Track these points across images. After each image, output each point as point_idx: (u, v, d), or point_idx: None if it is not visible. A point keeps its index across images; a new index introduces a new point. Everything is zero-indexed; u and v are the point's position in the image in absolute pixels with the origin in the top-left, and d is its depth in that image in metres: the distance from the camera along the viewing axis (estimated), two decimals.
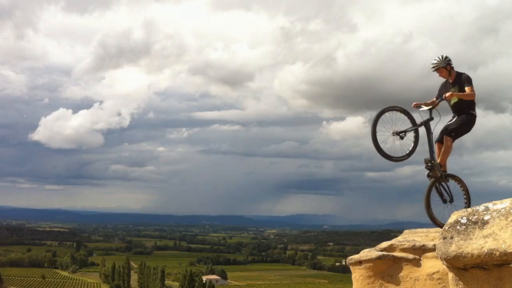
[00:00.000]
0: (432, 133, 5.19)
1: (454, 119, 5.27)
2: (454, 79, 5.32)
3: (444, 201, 5.12)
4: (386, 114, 5.02)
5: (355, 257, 4.88)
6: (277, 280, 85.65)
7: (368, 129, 5.08)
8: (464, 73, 5.33)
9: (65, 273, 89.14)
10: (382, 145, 4.92)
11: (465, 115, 5.23)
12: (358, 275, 4.81)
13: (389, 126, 5.03)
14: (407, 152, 5.13)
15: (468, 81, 5.20)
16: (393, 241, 4.81)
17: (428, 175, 5.09)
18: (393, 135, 5.03)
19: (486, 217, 2.91)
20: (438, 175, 5.06)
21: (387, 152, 4.96)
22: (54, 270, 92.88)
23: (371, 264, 4.69)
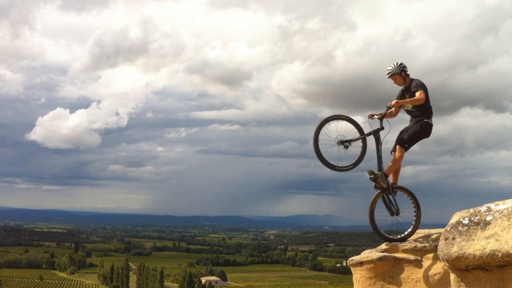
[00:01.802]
0: (381, 143, 5.06)
1: (408, 127, 5.13)
2: (408, 86, 5.19)
3: (392, 214, 5.04)
4: (331, 123, 4.93)
5: (356, 258, 4.86)
6: (277, 281, 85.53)
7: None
8: (417, 79, 5.18)
9: (63, 274, 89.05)
10: (325, 154, 4.82)
11: (419, 124, 5.08)
12: (359, 276, 4.79)
13: (335, 135, 4.95)
14: (353, 162, 5.02)
15: (419, 86, 5.05)
16: (394, 242, 4.80)
17: (375, 187, 4.97)
18: (338, 145, 4.95)
19: (488, 218, 2.89)
20: (384, 187, 4.94)
21: (330, 161, 4.85)
22: (52, 271, 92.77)
23: (372, 265, 4.67)
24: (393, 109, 5.08)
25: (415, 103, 5.01)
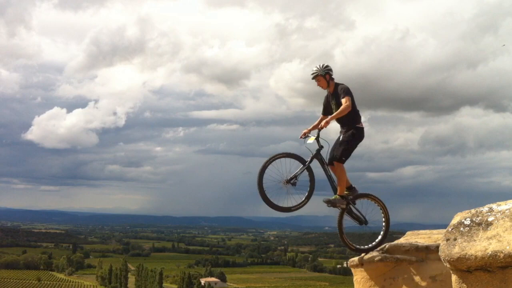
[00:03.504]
0: (326, 163, 4.99)
1: (341, 139, 5.00)
2: (333, 90, 5.06)
3: (361, 223, 5.06)
4: (270, 167, 4.81)
5: (357, 259, 4.85)
6: (277, 282, 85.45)
7: (367, 129, 5.02)
8: (342, 83, 5.04)
9: (61, 276, 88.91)
10: (274, 200, 4.73)
11: (350, 132, 4.97)
12: (359, 277, 4.78)
13: (279, 177, 4.84)
14: (306, 194, 4.93)
15: (344, 91, 4.89)
16: (395, 243, 4.79)
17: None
18: (286, 185, 4.84)
19: (490, 219, 2.88)
20: (344, 207, 4.94)
21: (284, 205, 4.76)
22: (50, 272, 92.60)
23: (373, 266, 4.66)
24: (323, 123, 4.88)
25: (344, 113, 4.85)
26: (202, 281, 73.39)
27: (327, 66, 5.05)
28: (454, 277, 2.95)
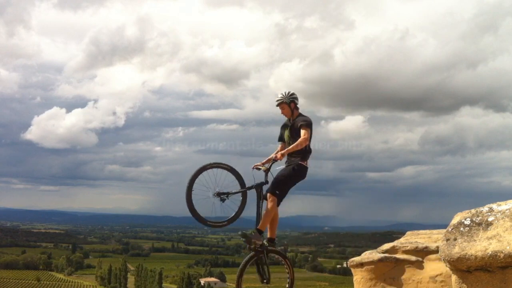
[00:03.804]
0: (262, 200, 4.63)
1: (281, 172, 4.67)
2: (294, 119, 4.73)
3: (262, 281, 4.73)
4: (210, 171, 4.51)
5: (357, 259, 4.84)
6: (277, 282, 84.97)
7: (367, 129, 4.79)
8: (306, 116, 4.73)
9: (60, 276, 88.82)
10: (198, 205, 4.39)
11: (291, 167, 4.62)
12: (359, 278, 4.77)
13: (213, 185, 4.51)
14: (229, 218, 4.62)
15: (305, 125, 4.57)
16: (395, 243, 4.78)
17: (249, 248, 4.59)
18: (214, 196, 4.49)
19: (490, 219, 2.87)
20: (258, 248, 4.58)
21: (202, 215, 4.42)
22: (49, 272, 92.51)
23: (373, 266, 4.65)
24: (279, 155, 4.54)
25: (301, 146, 4.56)
26: (202, 281, 73.36)
27: (292, 94, 4.77)
28: (454, 277, 2.94)
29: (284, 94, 4.77)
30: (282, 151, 4.56)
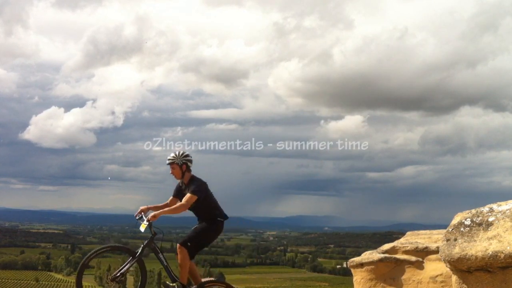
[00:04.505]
0: (160, 253, 4.56)
1: (197, 226, 4.65)
2: (188, 182, 4.60)
3: None
4: (95, 260, 4.40)
5: (357, 259, 4.84)
6: (276, 283, 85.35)
7: (366, 129, 4.67)
8: (199, 180, 4.60)
9: (59, 276, 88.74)
10: None
11: (205, 222, 4.58)
12: (359, 278, 4.76)
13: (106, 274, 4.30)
14: None
15: (193, 190, 4.44)
16: (395, 243, 4.77)
17: None
18: (111, 283, 4.41)
19: (490, 219, 2.87)
20: None
21: None
22: (48, 272, 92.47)
23: (373, 266, 4.64)
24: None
25: (176, 212, 4.51)
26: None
27: (186, 155, 4.60)
28: (454, 278, 2.94)
29: (176, 154, 4.58)
30: (156, 213, 4.47)
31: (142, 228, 4.56)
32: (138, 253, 4.50)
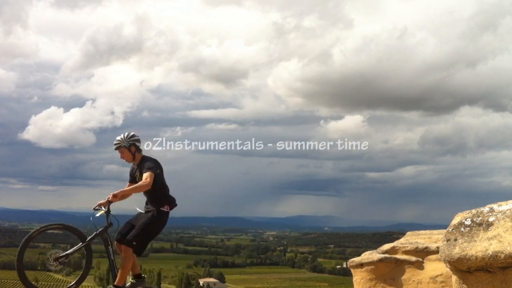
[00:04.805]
0: (110, 245, 4.28)
1: (139, 219, 4.33)
2: (139, 162, 4.38)
3: None
4: (44, 234, 4.25)
5: (357, 259, 4.83)
6: (276, 283, 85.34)
7: (366, 129, 4.61)
8: (151, 158, 4.37)
9: (58, 276, 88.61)
10: (30, 276, 3.98)
11: (150, 215, 4.27)
12: (359, 278, 4.76)
13: (48, 253, 4.21)
14: (77, 279, 4.28)
15: (149, 167, 4.21)
16: (395, 243, 4.76)
17: None
18: (53, 263, 4.19)
19: (490, 219, 2.86)
20: None
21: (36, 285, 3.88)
22: (48, 273, 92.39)
23: (373, 266, 4.64)
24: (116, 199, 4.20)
25: (139, 190, 4.22)
26: (201, 281, 73.31)
27: (132, 135, 4.41)
28: (454, 278, 2.93)
29: (122, 137, 4.39)
30: (116, 192, 4.23)
31: (98, 213, 4.30)
32: (88, 239, 4.34)
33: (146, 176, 4.19)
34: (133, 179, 4.53)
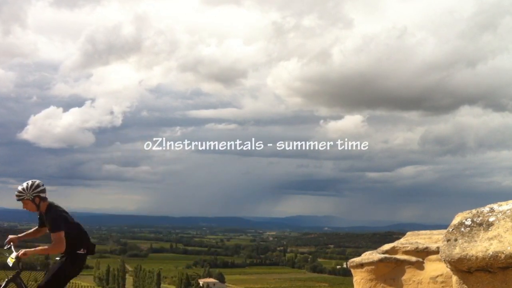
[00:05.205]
0: None
1: (53, 264, 4.34)
2: (45, 211, 4.26)
3: None
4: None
5: (357, 259, 4.83)
6: (276, 283, 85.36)
7: (366, 128, 4.60)
8: (56, 209, 4.22)
9: None
10: None
11: (62, 259, 4.20)
12: (359, 278, 4.76)
13: None
14: None
15: (55, 226, 4.08)
16: (395, 244, 4.77)
17: None
18: None
19: (491, 219, 2.86)
20: None
21: None
22: None
23: (373, 267, 4.64)
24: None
25: (53, 252, 4.20)
26: (201, 282, 73.29)
27: (37, 186, 4.20)
28: (454, 278, 2.93)
29: (25, 189, 4.19)
30: (28, 250, 4.24)
31: (10, 262, 4.27)
32: (1, 287, 4.24)
33: (55, 237, 4.10)
34: (42, 223, 4.47)
